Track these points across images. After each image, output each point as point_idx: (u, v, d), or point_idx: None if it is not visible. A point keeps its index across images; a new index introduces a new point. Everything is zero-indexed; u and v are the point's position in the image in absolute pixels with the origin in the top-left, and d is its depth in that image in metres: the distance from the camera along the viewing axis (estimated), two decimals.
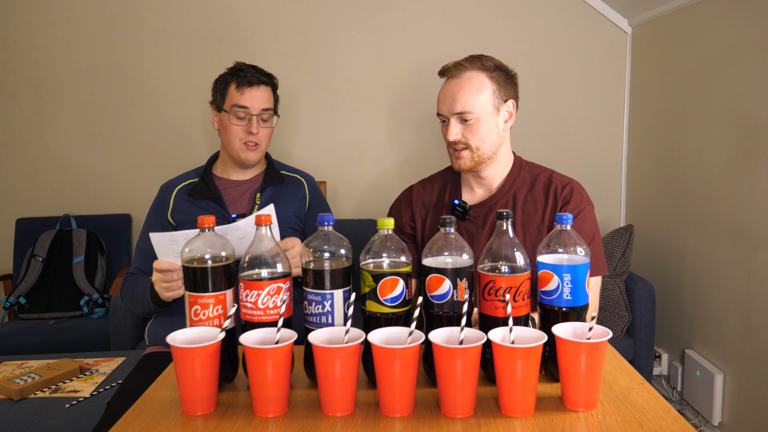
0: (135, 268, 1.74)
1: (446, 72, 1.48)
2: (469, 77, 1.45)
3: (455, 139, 1.46)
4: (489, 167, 1.51)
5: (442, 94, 1.48)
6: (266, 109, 1.75)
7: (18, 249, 2.97)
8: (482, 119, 1.45)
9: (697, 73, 2.45)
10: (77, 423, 1.75)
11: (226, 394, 1.09)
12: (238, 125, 1.73)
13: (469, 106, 1.43)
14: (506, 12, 2.98)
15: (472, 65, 1.45)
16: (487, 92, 1.45)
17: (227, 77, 1.76)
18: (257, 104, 1.73)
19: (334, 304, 1.07)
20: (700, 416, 2.45)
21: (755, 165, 2.11)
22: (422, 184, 1.64)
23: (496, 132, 1.47)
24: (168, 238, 1.44)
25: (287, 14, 2.99)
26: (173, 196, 1.78)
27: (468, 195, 1.56)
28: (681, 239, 2.60)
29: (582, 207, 1.47)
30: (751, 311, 2.16)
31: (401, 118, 3.05)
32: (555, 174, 1.53)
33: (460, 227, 1.52)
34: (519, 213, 1.49)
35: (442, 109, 1.48)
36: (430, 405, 1.03)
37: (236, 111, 1.73)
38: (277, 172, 1.83)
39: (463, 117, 1.44)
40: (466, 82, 1.44)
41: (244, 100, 1.72)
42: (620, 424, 0.95)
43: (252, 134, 1.73)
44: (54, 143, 3.07)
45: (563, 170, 1.61)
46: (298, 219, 1.80)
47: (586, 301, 1.10)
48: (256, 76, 1.74)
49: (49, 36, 3.00)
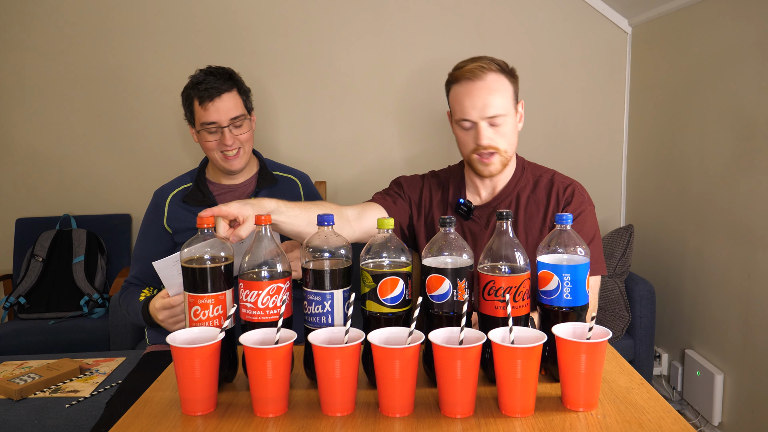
0: (132, 277, 1.74)
1: (466, 74, 1.40)
2: (494, 79, 1.40)
3: (488, 143, 1.41)
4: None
5: (468, 98, 1.40)
6: (235, 118, 1.69)
7: (18, 249, 2.97)
8: (509, 120, 1.43)
9: (697, 73, 2.45)
10: (77, 423, 1.75)
11: (226, 394, 1.09)
12: (213, 140, 1.69)
13: (501, 108, 1.40)
14: (506, 12, 2.98)
15: (490, 66, 1.41)
16: (509, 93, 1.43)
17: (190, 92, 1.70)
18: (224, 116, 1.67)
19: (334, 304, 1.07)
20: (700, 416, 2.45)
21: (755, 165, 2.11)
22: (431, 179, 1.62)
23: (516, 133, 1.47)
24: (171, 261, 1.38)
25: (287, 14, 2.98)
26: (167, 203, 1.76)
27: (471, 195, 1.56)
28: (681, 239, 2.60)
29: (583, 207, 1.47)
30: (751, 311, 2.16)
31: (401, 118, 3.05)
32: (557, 175, 1.53)
33: (464, 227, 1.52)
34: (522, 214, 1.49)
35: (470, 114, 1.40)
36: (430, 405, 1.03)
37: (206, 127, 1.68)
38: (270, 173, 1.80)
39: (494, 121, 1.40)
40: (494, 84, 1.40)
41: (210, 116, 1.66)
42: (620, 424, 0.95)
43: (227, 146, 1.68)
44: (54, 143, 3.07)
45: (563, 170, 1.61)
46: None
47: (586, 301, 1.10)
48: (215, 86, 1.66)
49: (49, 36, 3.00)
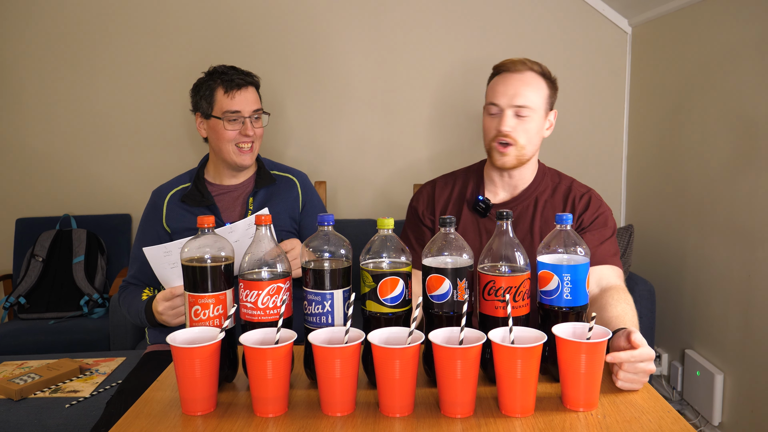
0: (131, 277, 1.74)
1: (507, 66, 1.49)
2: (532, 76, 1.48)
3: (509, 130, 1.45)
4: (522, 169, 1.52)
5: (502, 85, 1.47)
6: (257, 110, 1.73)
7: (18, 249, 2.97)
8: (535, 118, 1.47)
9: (697, 73, 2.45)
10: (77, 423, 1.75)
11: (226, 394, 1.09)
12: (233, 130, 1.70)
13: (530, 101, 1.45)
14: (506, 12, 2.98)
15: (533, 66, 1.49)
16: (544, 95, 1.49)
17: (211, 83, 1.72)
18: (249, 106, 1.71)
19: (334, 304, 1.07)
20: (700, 416, 2.45)
21: (755, 165, 2.11)
22: (444, 180, 1.64)
23: (540, 135, 1.51)
24: (162, 250, 1.41)
25: (289, 14, 2.98)
26: (166, 202, 1.76)
27: (490, 194, 1.57)
28: (681, 239, 2.60)
29: (602, 209, 1.51)
30: (751, 311, 2.16)
31: (402, 118, 3.05)
32: (575, 183, 1.56)
33: (479, 224, 1.53)
34: (538, 218, 1.51)
35: (500, 99, 1.46)
36: (430, 405, 1.03)
37: (228, 116, 1.69)
38: (268, 173, 1.80)
39: (521, 112, 1.46)
40: (530, 78, 1.47)
41: (235, 105, 1.69)
42: (620, 424, 0.95)
43: (248, 136, 1.70)
44: (54, 143, 3.07)
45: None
46: (293, 220, 1.78)
47: (586, 301, 1.10)
48: (242, 78, 1.71)
49: (49, 36, 3.00)
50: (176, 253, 1.40)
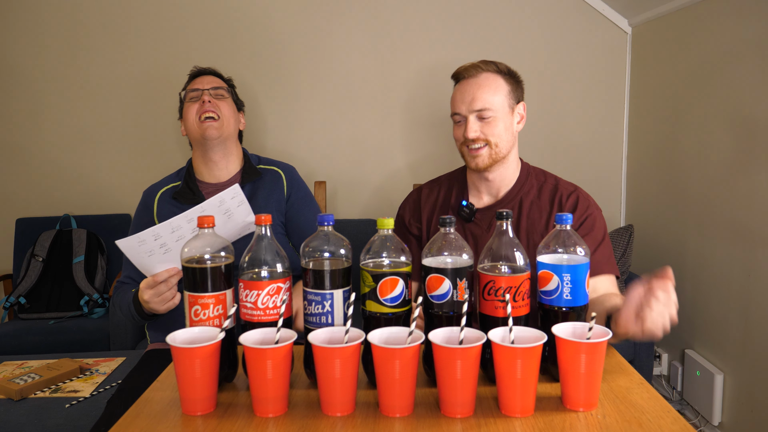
0: (125, 277, 1.74)
1: (462, 74, 1.51)
2: (486, 77, 1.48)
3: (475, 136, 1.47)
4: (499, 168, 1.52)
5: (459, 93, 1.50)
6: (217, 87, 1.79)
7: (18, 249, 2.97)
8: (500, 117, 1.48)
9: (697, 73, 2.45)
10: (77, 423, 1.75)
11: (226, 394, 1.09)
12: (194, 104, 1.76)
13: (489, 103, 1.46)
14: (506, 12, 2.99)
15: (487, 67, 1.49)
16: (503, 92, 1.49)
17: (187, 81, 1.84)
18: (207, 84, 1.78)
19: (333, 304, 1.07)
20: (700, 416, 2.45)
21: (755, 165, 2.11)
22: (430, 186, 1.65)
23: (511, 132, 1.51)
24: (135, 240, 1.41)
25: (287, 15, 2.98)
26: (156, 200, 1.77)
27: (474, 199, 1.56)
28: (681, 239, 2.60)
29: (590, 212, 1.49)
30: (751, 311, 2.16)
31: (402, 118, 3.05)
32: (561, 182, 1.54)
33: (465, 229, 1.52)
34: (524, 219, 1.50)
35: (459, 108, 1.49)
36: (430, 405, 1.03)
37: (190, 95, 1.78)
38: (254, 167, 1.80)
39: (483, 114, 1.47)
40: (485, 81, 1.48)
41: (194, 84, 1.79)
42: (620, 424, 0.95)
43: (205, 103, 1.74)
44: (54, 143, 3.07)
45: (563, 170, 1.62)
46: (279, 213, 1.77)
47: (586, 301, 1.10)
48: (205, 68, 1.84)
49: (48, 37, 3.00)
50: (150, 242, 1.41)
